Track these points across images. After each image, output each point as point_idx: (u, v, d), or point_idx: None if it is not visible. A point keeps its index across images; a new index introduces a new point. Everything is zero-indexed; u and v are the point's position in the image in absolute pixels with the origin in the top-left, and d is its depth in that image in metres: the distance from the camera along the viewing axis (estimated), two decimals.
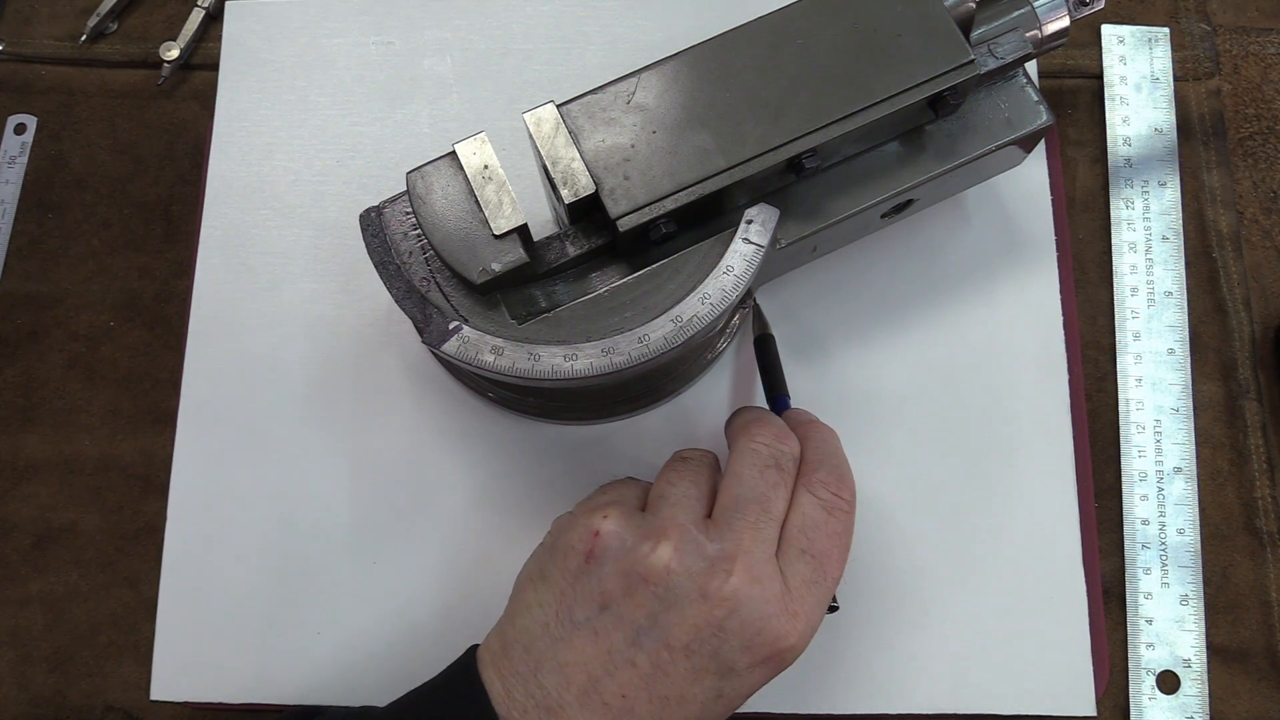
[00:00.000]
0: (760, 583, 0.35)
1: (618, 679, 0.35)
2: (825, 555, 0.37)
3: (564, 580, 0.37)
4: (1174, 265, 0.51)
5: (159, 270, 0.52)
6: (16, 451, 0.50)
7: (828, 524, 0.37)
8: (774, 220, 0.41)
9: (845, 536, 0.38)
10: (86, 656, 0.48)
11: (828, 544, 0.37)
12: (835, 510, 0.38)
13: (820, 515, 0.37)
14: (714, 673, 0.35)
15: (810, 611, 0.36)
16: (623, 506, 0.38)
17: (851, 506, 0.38)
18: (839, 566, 0.37)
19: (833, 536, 0.37)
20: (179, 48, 0.55)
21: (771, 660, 0.36)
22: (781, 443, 0.39)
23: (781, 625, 0.35)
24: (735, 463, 0.38)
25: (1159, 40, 0.54)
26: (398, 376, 0.49)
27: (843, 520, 0.38)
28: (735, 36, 0.41)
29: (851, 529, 0.38)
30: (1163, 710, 0.45)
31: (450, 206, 0.40)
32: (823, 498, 0.38)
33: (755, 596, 0.35)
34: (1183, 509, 0.48)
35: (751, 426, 0.39)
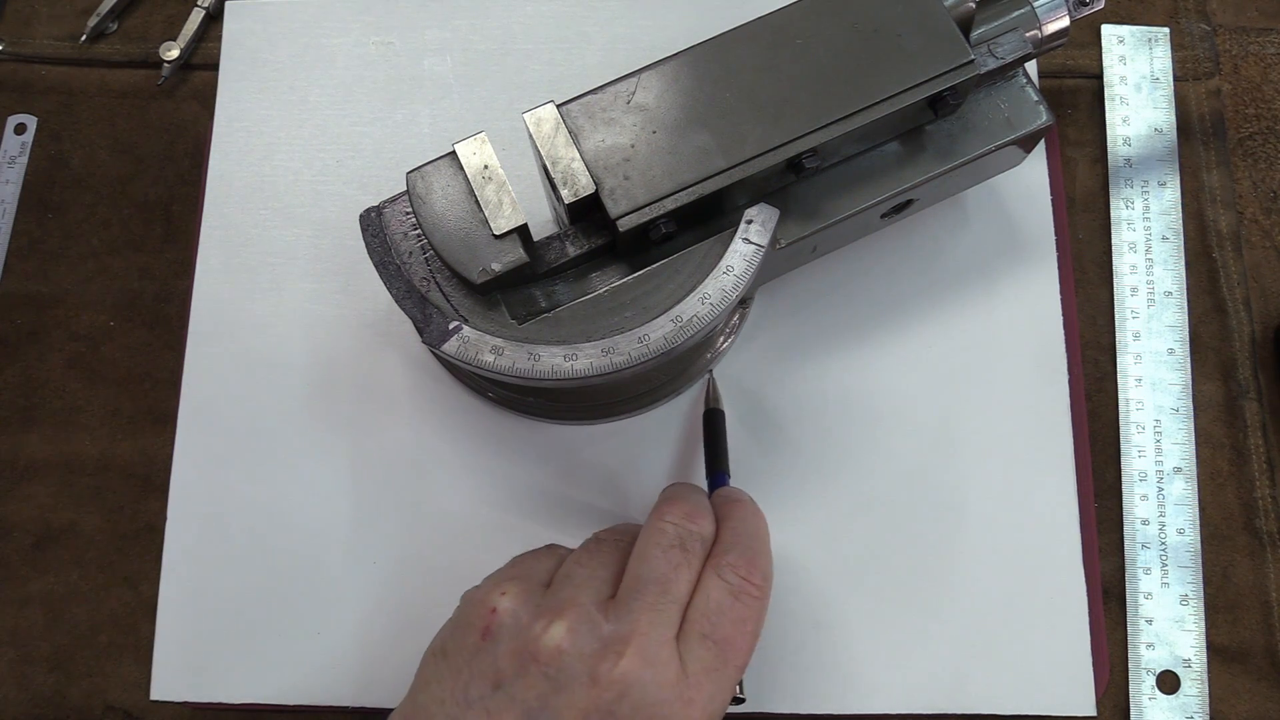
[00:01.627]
0: (654, 666, 0.34)
1: None
2: (728, 642, 0.35)
3: (461, 657, 0.35)
4: (1174, 265, 0.51)
5: (159, 270, 0.52)
6: (16, 451, 0.50)
7: (733, 609, 0.36)
8: (774, 220, 0.41)
9: (753, 623, 0.36)
10: (86, 656, 0.48)
11: (732, 630, 0.35)
12: (742, 595, 0.36)
13: (726, 600, 0.36)
14: None
15: (709, 700, 0.34)
16: (524, 583, 0.36)
17: (763, 593, 0.36)
18: (744, 654, 0.36)
19: (738, 623, 0.35)
20: (179, 48, 0.55)
21: None
22: (691, 521, 0.37)
23: (675, 712, 0.33)
24: (641, 541, 0.37)
25: (1159, 40, 0.54)
26: (398, 376, 0.49)
27: (750, 606, 0.36)
28: (735, 36, 0.41)
29: (761, 616, 0.36)
30: (1163, 710, 0.45)
31: (450, 206, 0.40)
32: (730, 581, 0.36)
33: (648, 681, 0.33)
34: (1183, 509, 0.48)
35: (664, 504, 0.38)
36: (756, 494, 0.47)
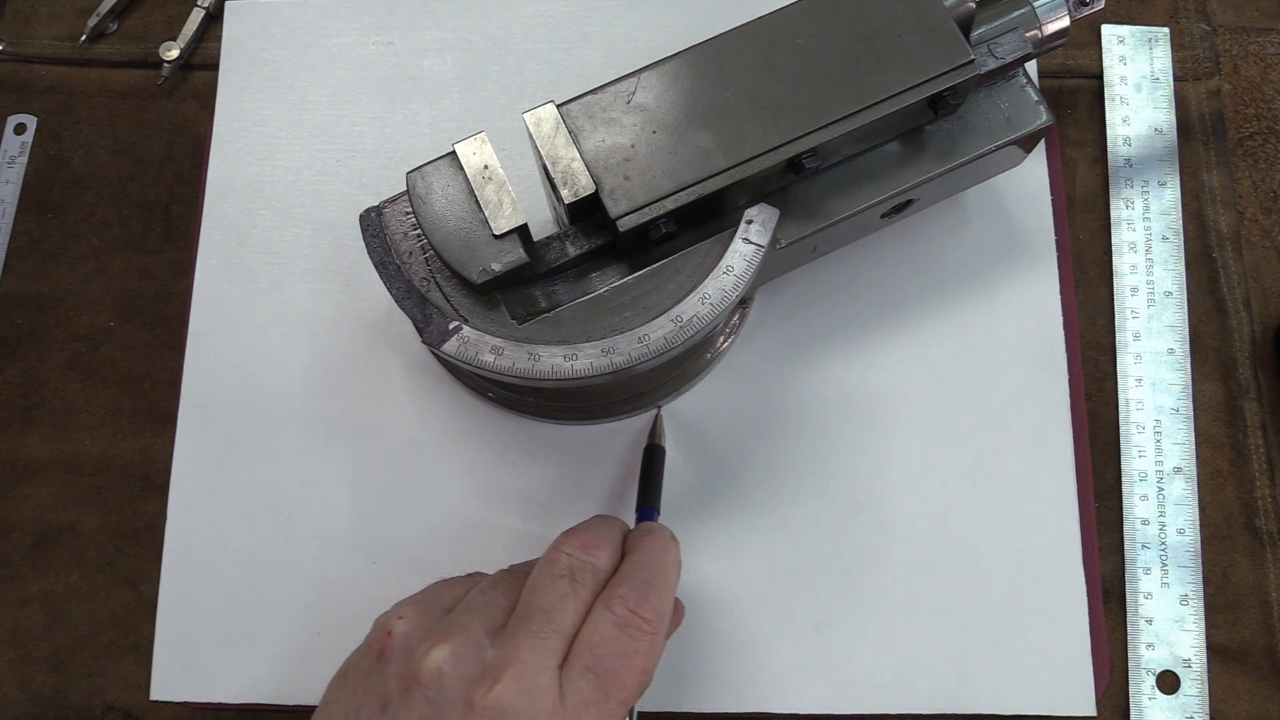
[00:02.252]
0: (530, 695, 0.33)
1: None
2: (611, 675, 0.34)
3: (358, 679, 0.35)
4: (1174, 265, 0.51)
5: (159, 270, 0.52)
6: (16, 451, 0.50)
7: (618, 642, 0.35)
8: (774, 220, 0.41)
9: (639, 658, 0.35)
10: (86, 656, 0.48)
11: (615, 664, 0.34)
12: (629, 628, 0.35)
13: (611, 632, 0.35)
14: None
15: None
16: (424, 608, 0.36)
17: (654, 628, 0.35)
18: (628, 689, 0.35)
19: (622, 656, 0.35)
20: (179, 48, 0.55)
21: None
22: (586, 552, 0.37)
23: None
24: (535, 571, 0.37)
25: (1159, 40, 0.54)
26: (398, 376, 0.49)
27: (638, 640, 0.35)
28: (735, 36, 0.41)
29: (652, 652, 0.35)
30: (1163, 710, 0.45)
31: (450, 206, 0.40)
32: (617, 614, 0.35)
33: (522, 708, 0.33)
34: (1183, 509, 0.48)
35: (565, 534, 0.38)
36: (757, 494, 0.47)
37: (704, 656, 0.46)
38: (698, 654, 0.46)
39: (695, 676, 0.45)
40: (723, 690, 0.45)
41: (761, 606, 0.46)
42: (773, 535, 0.47)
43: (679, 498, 0.47)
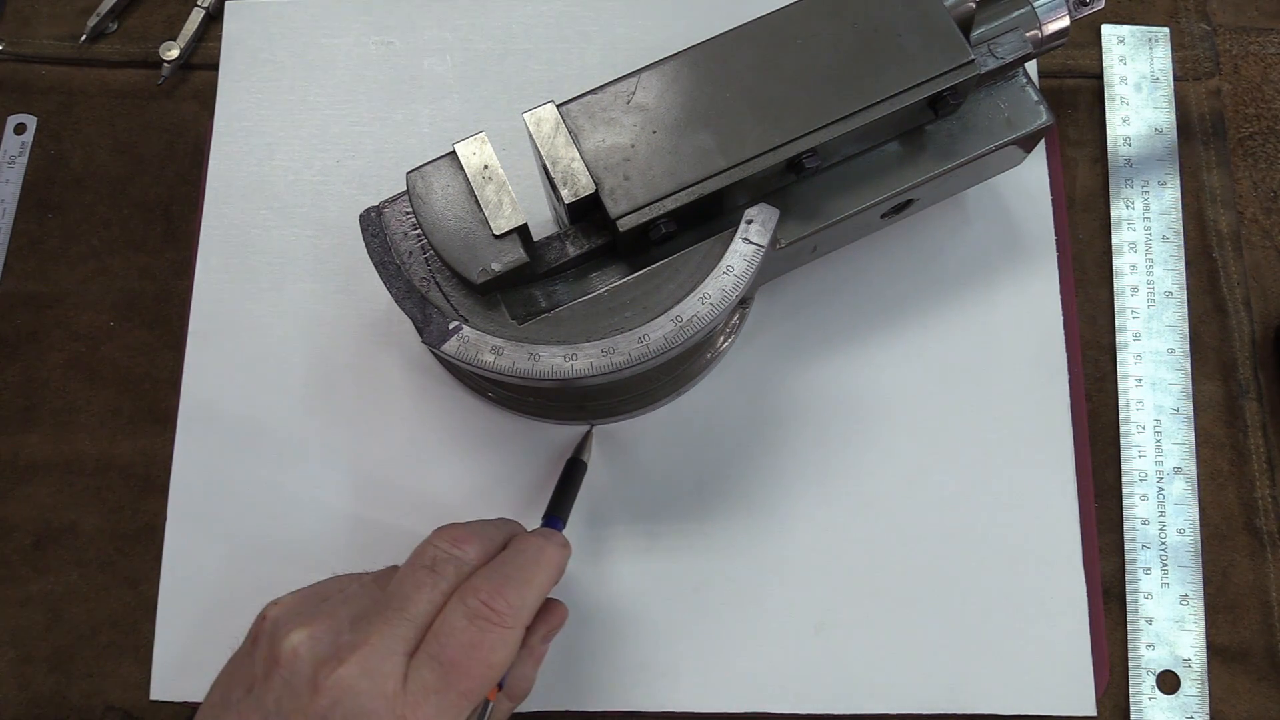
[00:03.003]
0: (372, 678, 0.33)
1: None
2: (455, 665, 0.34)
3: (235, 662, 0.36)
4: (1174, 265, 0.51)
5: (159, 270, 0.52)
6: (16, 451, 0.50)
7: (465, 633, 0.35)
8: (774, 220, 0.41)
9: (485, 650, 0.35)
10: (86, 656, 0.48)
11: (460, 653, 0.34)
12: (479, 619, 0.35)
13: (460, 623, 0.35)
14: None
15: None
16: (303, 596, 0.37)
17: (506, 621, 0.35)
18: (471, 680, 0.34)
19: (468, 647, 0.35)
20: (179, 48, 0.55)
21: None
22: (455, 546, 0.37)
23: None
24: (405, 563, 0.37)
25: (1159, 40, 0.54)
26: (398, 376, 0.49)
27: (487, 633, 0.35)
28: (735, 36, 0.41)
29: (501, 645, 0.35)
30: (1163, 710, 0.45)
31: (450, 206, 0.40)
32: (469, 605, 0.35)
33: (362, 691, 0.33)
34: (1183, 509, 0.48)
35: (440, 528, 0.38)
36: (757, 494, 0.47)
37: (704, 656, 0.46)
38: (698, 654, 0.46)
39: (695, 676, 0.46)
40: (723, 690, 0.45)
41: (761, 606, 0.46)
42: (772, 535, 0.47)
43: (679, 498, 0.48)
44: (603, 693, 0.45)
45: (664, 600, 0.46)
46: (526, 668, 0.39)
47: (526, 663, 0.39)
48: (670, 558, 0.47)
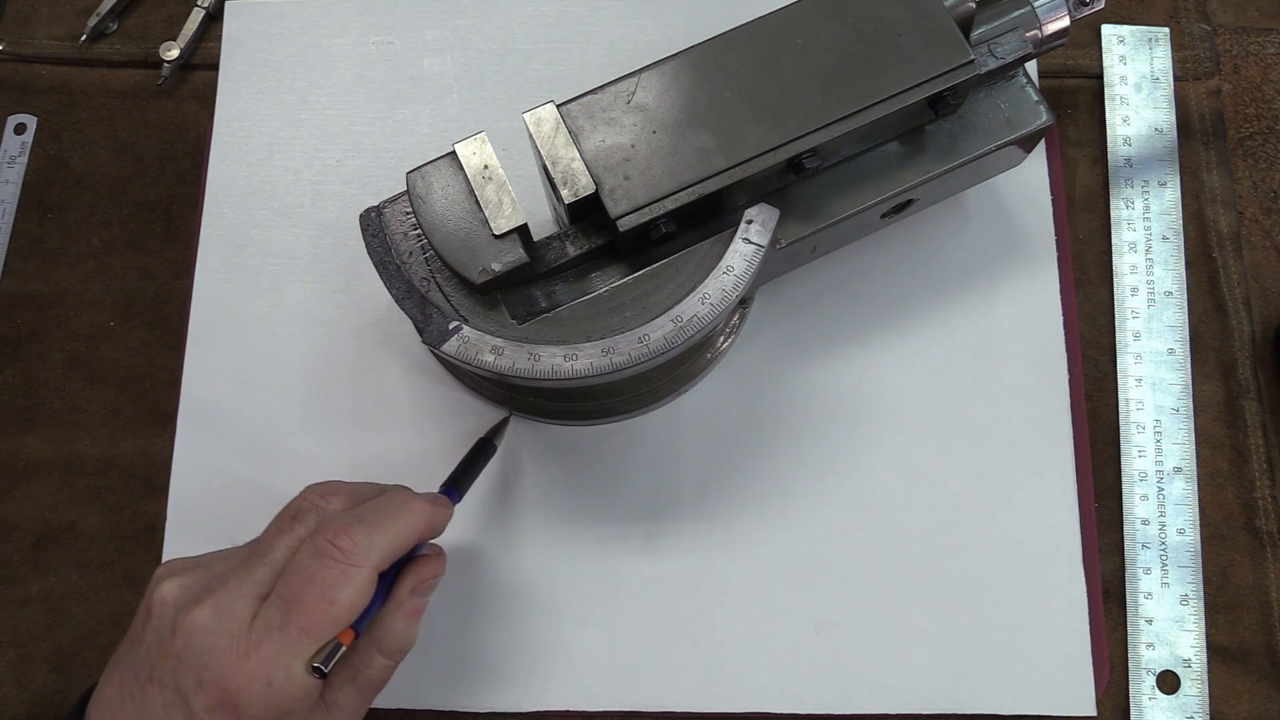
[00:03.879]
0: (222, 618, 0.34)
1: (125, 713, 0.35)
2: (295, 600, 0.34)
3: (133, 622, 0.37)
4: (1174, 265, 0.51)
5: (159, 270, 0.52)
6: (16, 451, 0.50)
7: (309, 569, 0.35)
8: (774, 220, 0.41)
9: (326, 586, 0.34)
10: (86, 656, 0.48)
11: (303, 590, 0.34)
12: (323, 557, 0.35)
13: (306, 561, 0.35)
14: (181, 711, 0.34)
15: (268, 659, 0.34)
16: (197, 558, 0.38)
17: (349, 559, 0.35)
18: (311, 616, 0.34)
19: (311, 584, 0.34)
20: (179, 48, 0.55)
21: (225, 707, 0.33)
22: (320, 497, 0.38)
23: (227, 664, 0.33)
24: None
25: (1159, 40, 0.54)
26: (398, 376, 0.49)
27: (328, 569, 0.35)
28: (735, 36, 0.41)
29: (342, 581, 0.35)
30: (1163, 710, 0.45)
31: (450, 206, 0.40)
32: (317, 544, 0.35)
33: (211, 629, 0.34)
34: (1183, 509, 0.48)
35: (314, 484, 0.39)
36: (756, 493, 0.47)
37: (704, 656, 0.46)
38: (698, 654, 0.46)
39: (695, 676, 0.46)
40: (723, 690, 0.45)
41: (761, 606, 0.46)
42: (772, 535, 0.47)
43: (679, 498, 0.48)
44: (603, 693, 0.45)
45: (664, 600, 0.46)
46: (398, 622, 0.37)
47: (396, 616, 0.37)
48: (670, 558, 0.47)
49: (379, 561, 0.36)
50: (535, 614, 0.46)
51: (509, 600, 0.46)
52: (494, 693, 0.45)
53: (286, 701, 0.34)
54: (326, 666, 0.35)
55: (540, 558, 0.47)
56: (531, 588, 0.47)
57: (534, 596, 0.46)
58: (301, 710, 0.35)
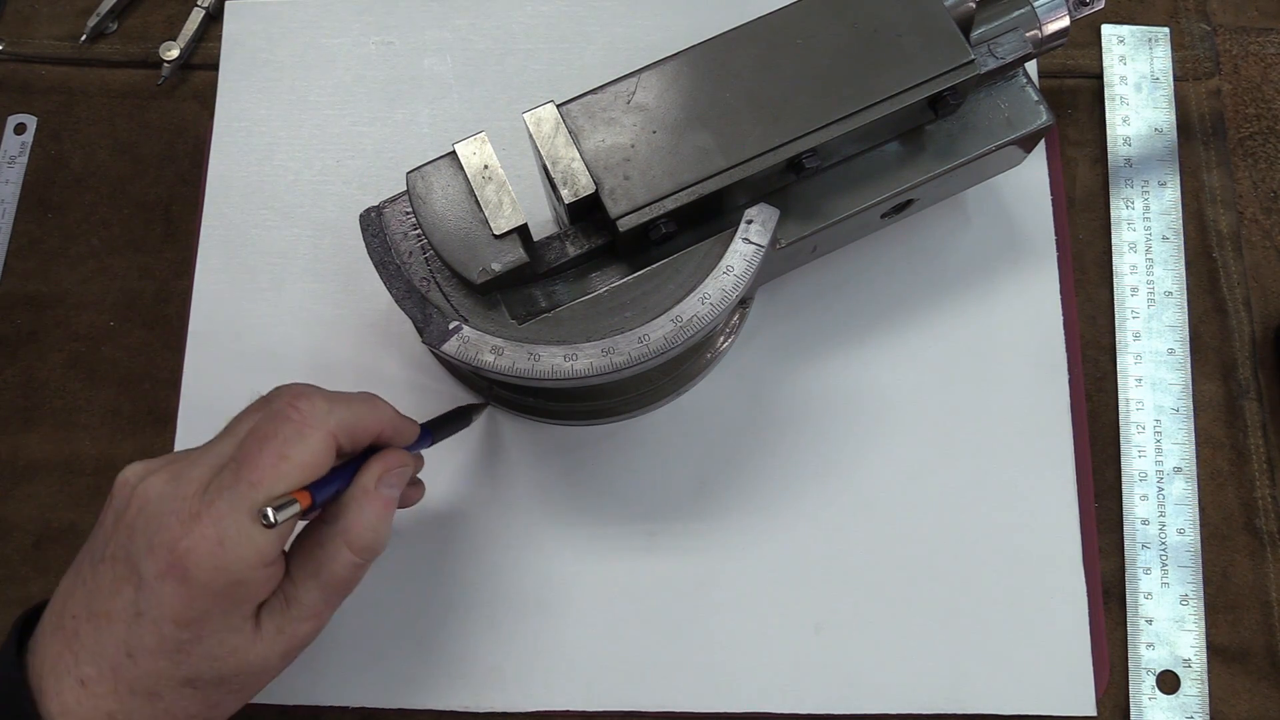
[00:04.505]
0: (176, 483, 0.34)
1: (75, 599, 0.35)
2: (246, 458, 0.34)
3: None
4: (1174, 265, 0.51)
5: (159, 270, 0.52)
6: (16, 451, 0.50)
7: (260, 429, 0.35)
8: (774, 220, 0.41)
9: (277, 442, 0.34)
10: None
11: (254, 447, 0.34)
12: (279, 418, 0.35)
13: (262, 423, 0.35)
14: (130, 582, 0.34)
15: (218, 517, 0.33)
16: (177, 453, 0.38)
17: (302, 419, 0.35)
18: (260, 471, 0.34)
19: (262, 440, 0.34)
20: (179, 48, 0.55)
21: (175, 571, 0.33)
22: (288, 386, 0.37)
23: (178, 525, 0.33)
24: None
25: (1159, 40, 0.54)
26: (398, 376, 0.49)
27: (278, 426, 0.35)
28: (735, 36, 0.41)
29: (294, 440, 0.34)
30: (1163, 710, 0.45)
31: (450, 206, 0.40)
32: (274, 407, 0.35)
33: (164, 495, 0.34)
34: (1183, 509, 0.48)
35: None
36: (756, 493, 0.47)
37: (704, 656, 0.46)
38: (698, 654, 0.46)
39: (695, 676, 0.46)
40: (723, 690, 0.45)
41: (761, 606, 0.46)
42: (772, 535, 0.47)
43: (679, 498, 0.48)
44: (603, 693, 0.45)
45: (664, 600, 0.46)
46: (364, 510, 0.36)
47: (364, 506, 0.36)
48: (670, 558, 0.47)
49: (336, 428, 0.36)
50: (535, 614, 0.46)
51: (509, 600, 0.46)
52: (494, 693, 0.45)
53: (238, 564, 0.33)
54: (276, 517, 0.33)
55: (540, 558, 0.47)
56: (531, 588, 0.47)
57: (534, 596, 0.46)
58: (255, 583, 0.34)
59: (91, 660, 0.34)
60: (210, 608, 0.33)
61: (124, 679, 0.34)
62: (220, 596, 0.33)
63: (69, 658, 0.34)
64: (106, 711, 0.34)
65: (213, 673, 0.35)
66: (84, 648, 0.34)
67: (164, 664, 0.34)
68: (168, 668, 0.34)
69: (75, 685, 0.34)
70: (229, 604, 0.34)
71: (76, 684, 0.34)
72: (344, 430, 0.36)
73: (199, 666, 0.34)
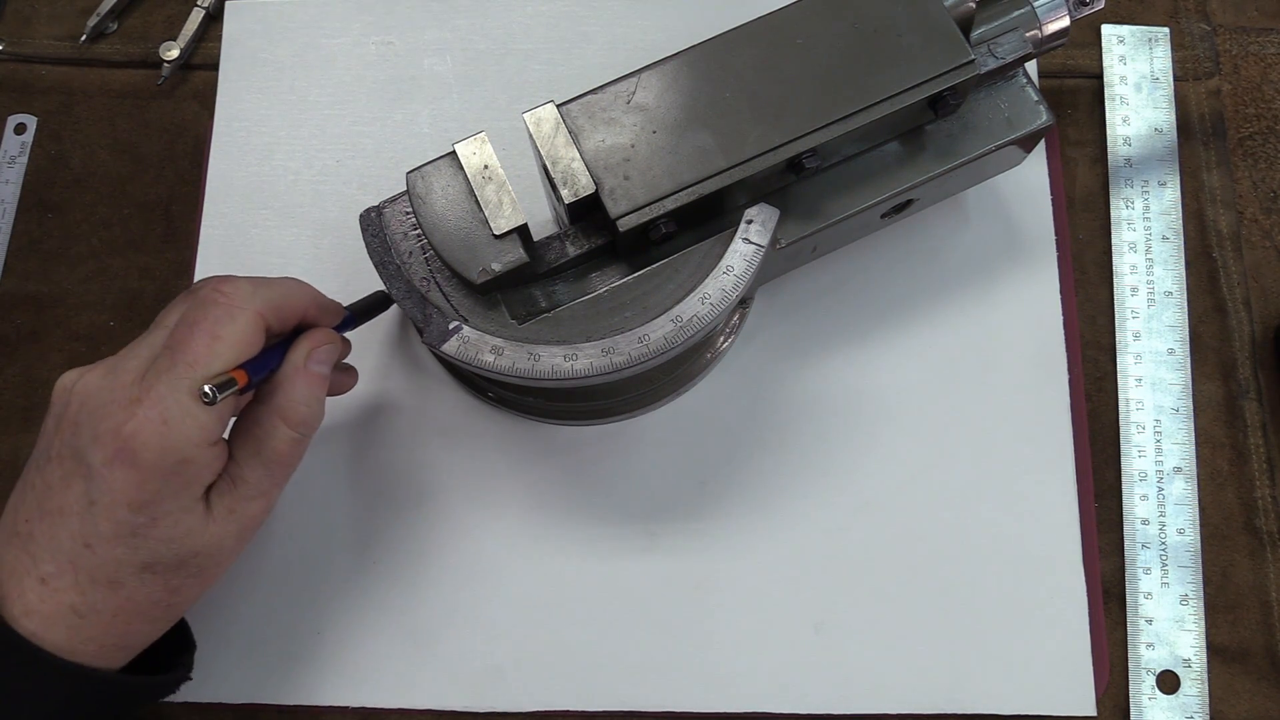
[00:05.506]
0: (113, 375, 0.36)
1: (25, 505, 0.36)
2: (179, 343, 0.35)
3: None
4: (1174, 265, 0.51)
5: (159, 270, 0.52)
6: (16, 451, 0.50)
7: (190, 315, 0.36)
8: (774, 220, 0.41)
9: (208, 324, 0.35)
10: None
11: (184, 332, 0.35)
12: (205, 302, 0.36)
13: (191, 310, 0.36)
14: (79, 475, 0.35)
15: (159, 399, 0.34)
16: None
17: (229, 300, 0.36)
18: (193, 353, 0.35)
19: (192, 324, 0.35)
20: (179, 48, 0.55)
21: (123, 455, 0.34)
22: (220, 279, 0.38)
23: (121, 412, 0.34)
24: None
25: (1159, 40, 0.54)
26: (398, 376, 0.49)
27: (209, 309, 0.36)
28: (735, 36, 0.41)
29: (227, 320, 0.36)
30: (1163, 710, 0.45)
31: (450, 206, 0.40)
32: (200, 294, 0.36)
33: (103, 387, 0.35)
34: (1183, 509, 0.48)
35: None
36: (757, 494, 0.47)
37: (704, 656, 0.46)
38: (698, 654, 0.46)
39: (695, 676, 0.46)
40: (723, 690, 0.45)
41: (761, 606, 0.46)
42: (772, 535, 0.47)
43: (679, 498, 0.48)
44: (603, 693, 0.45)
45: (664, 600, 0.46)
46: (297, 385, 0.38)
47: (295, 380, 0.38)
48: (670, 558, 0.47)
49: (263, 307, 0.37)
50: (535, 614, 0.46)
51: (509, 600, 0.46)
52: (494, 693, 0.45)
53: (183, 443, 0.34)
54: (216, 394, 0.35)
55: (540, 558, 0.47)
56: (531, 588, 0.47)
57: (534, 596, 0.46)
58: (201, 462, 0.35)
59: (49, 558, 0.35)
60: (161, 488, 0.35)
61: (83, 570, 0.35)
62: (170, 475, 0.35)
63: (26, 560, 0.35)
64: (69, 604, 0.35)
65: (171, 555, 0.36)
66: (40, 547, 0.35)
67: (121, 550, 0.35)
68: (125, 554, 0.35)
69: (36, 584, 0.35)
70: (179, 484, 0.35)
71: (37, 582, 0.35)
72: (270, 309, 0.37)
73: (157, 550, 0.35)
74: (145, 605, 0.36)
